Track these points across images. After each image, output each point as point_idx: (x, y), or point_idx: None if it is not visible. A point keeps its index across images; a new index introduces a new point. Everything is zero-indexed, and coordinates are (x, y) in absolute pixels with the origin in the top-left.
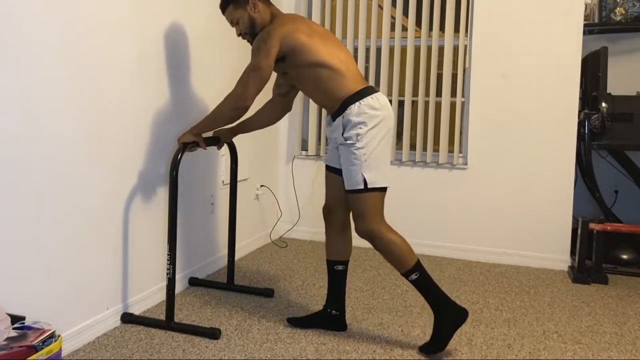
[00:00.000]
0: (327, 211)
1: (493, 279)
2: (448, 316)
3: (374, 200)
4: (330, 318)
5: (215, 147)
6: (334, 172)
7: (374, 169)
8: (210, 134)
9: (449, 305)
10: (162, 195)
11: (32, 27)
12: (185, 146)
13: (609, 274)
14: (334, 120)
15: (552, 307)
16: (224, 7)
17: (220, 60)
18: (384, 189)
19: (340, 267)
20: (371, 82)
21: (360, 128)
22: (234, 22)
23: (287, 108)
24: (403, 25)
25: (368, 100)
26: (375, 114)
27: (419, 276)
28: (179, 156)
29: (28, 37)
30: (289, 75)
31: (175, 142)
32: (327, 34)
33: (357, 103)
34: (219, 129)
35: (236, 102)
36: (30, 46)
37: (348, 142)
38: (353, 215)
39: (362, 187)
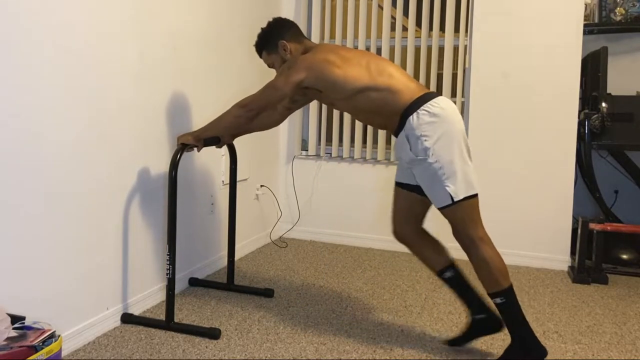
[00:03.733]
0: (398, 235)
1: None
2: (524, 349)
3: (465, 210)
4: (481, 323)
5: (215, 148)
6: (402, 188)
7: (455, 180)
8: None
9: (530, 339)
10: (162, 195)
11: (33, 29)
12: (184, 147)
13: (609, 274)
14: (397, 137)
15: (552, 307)
16: (259, 53)
17: (221, 61)
18: (473, 196)
19: (449, 274)
20: None
21: (426, 141)
22: (270, 66)
23: (284, 118)
24: (403, 25)
25: (427, 107)
26: (435, 121)
27: (505, 302)
28: (178, 156)
29: (29, 39)
30: (337, 108)
31: (175, 142)
32: (364, 55)
33: (414, 114)
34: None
35: (240, 110)
36: (31, 48)
37: (419, 158)
38: (450, 224)
39: (450, 202)
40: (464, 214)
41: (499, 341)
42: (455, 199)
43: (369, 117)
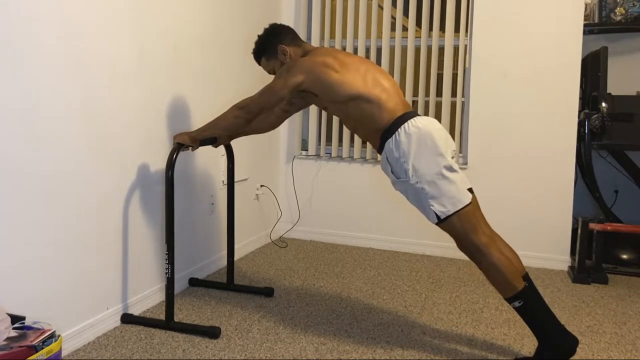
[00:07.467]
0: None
1: None
2: (552, 348)
3: (460, 221)
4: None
5: (215, 149)
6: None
7: (439, 199)
8: None
9: (556, 337)
10: (162, 194)
11: (32, 29)
12: (180, 146)
13: (609, 274)
14: (380, 154)
15: (552, 307)
16: (257, 60)
17: (221, 60)
18: (464, 207)
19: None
20: None
21: (404, 162)
22: (270, 72)
23: (282, 121)
24: (403, 25)
25: (403, 127)
26: (410, 140)
27: (524, 304)
28: (174, 156)
29: (29, 40)
30: (329, 111)
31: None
32: (362, 62)
33: (392, 137)
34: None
35: (239, 111)
36: (30, 47)
37: (401, 180)
38: (451, 237)
39: (437, 220)
40: (459, 225)
41: (499, 340)
42: (442, 217)
43: (355, 125)
